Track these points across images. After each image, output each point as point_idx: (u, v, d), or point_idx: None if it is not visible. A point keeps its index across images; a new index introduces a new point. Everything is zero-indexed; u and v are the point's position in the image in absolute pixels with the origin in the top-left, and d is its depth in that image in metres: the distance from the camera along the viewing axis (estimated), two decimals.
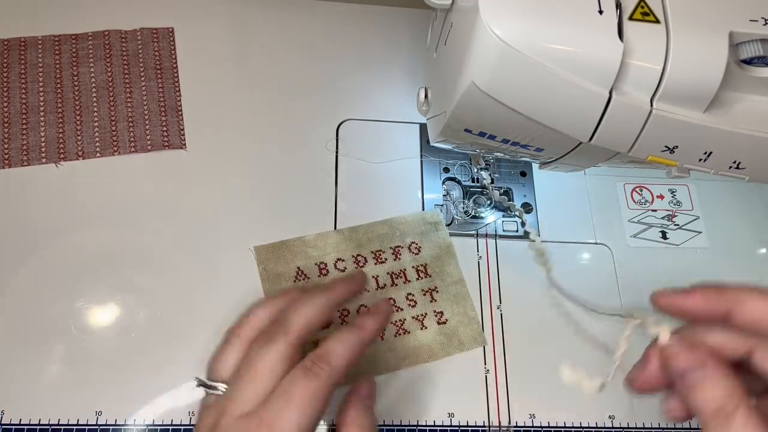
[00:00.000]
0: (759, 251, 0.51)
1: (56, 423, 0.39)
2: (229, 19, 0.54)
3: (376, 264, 0.45)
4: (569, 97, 0.30)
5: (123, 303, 0.42)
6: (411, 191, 0.49)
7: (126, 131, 0.48)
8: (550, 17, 0.30)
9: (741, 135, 0.32)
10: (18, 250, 0.43)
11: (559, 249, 0.48)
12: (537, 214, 0.49)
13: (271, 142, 0.49)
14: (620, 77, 0.30)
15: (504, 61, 0.30)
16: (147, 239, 0.45)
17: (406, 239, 0.46)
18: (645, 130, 0.31)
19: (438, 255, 0.46)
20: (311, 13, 0.55)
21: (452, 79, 0.34)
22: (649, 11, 0.30)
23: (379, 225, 0.47)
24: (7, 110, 0.48)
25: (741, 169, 0.33)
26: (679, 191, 0.52)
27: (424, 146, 0.50)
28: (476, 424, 0.41)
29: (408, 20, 0.56)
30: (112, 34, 0.51)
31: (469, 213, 0.48)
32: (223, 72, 0.51)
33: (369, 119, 0.51)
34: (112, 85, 0.49)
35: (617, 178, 0.52)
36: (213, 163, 0.48)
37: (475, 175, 0.50)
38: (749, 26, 0.30)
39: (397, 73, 0.53)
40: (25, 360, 0.40)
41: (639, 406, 0.43)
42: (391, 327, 0.43)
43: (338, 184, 0.48)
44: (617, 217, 0.50)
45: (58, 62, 0.50)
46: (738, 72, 0.31)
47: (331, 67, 0.53)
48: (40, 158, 0.46)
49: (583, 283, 0.45)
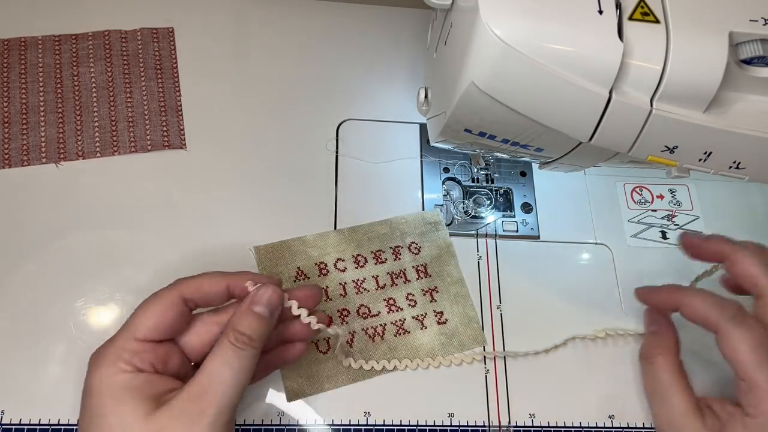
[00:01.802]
0: None
1: (56, 423, 0.39)
2: (229, 19, 0.54)
3: (376, 264, 0.45)
4: (569, 97, 0.30)
5: (123, 303, 0.42)
6: (411, 191, 0.49)
7: (126, 131, 0.48)
8: (550, 17, 0.30)
9: (741, 135, 0.32)
10: (18, 250, 0.43)
11: (559, 249, 0.48)
12: (537, 214, 0.49)
13: (271, 142, 0.49)
14: (620, 77, 0.30)
15: (504, 61, 0.30)
16: (147, 239, 0.45)
17: (406, 239, 0.46)
18: (645, 130, 0.31)
19: (438, 255, 0.46)
20: (311, 13, 0.55)
21: (452, 79, 0.34)
22: (649, 11, 0.30)
23: (379, 225, 0.47)
24: (7, 110, 0.48)
25: (741, 169, 0.33)
26: (679, 191, 0.52)
27: (424, 146, 0.50)
28: (476, 424, 0.41)
29: (408, 20, 0.56)
30: (112, 34, 0.51)
31: (469, 213, 0.48)
32: (223, 72, 0.51)
33: (369, 119, 0.51)
34: (112, 85, 0.49)
35: (617, 178, 0.52)
36: (213, 163, 0.48)
37: (475, 175, 0.50)
38: (749, 26, 0.30)
39: (397, 73, 0.53)
40: (25, 360, 0.40)
41: (639, 406, 0.43)
42: (391, 327, 0.43)
43: (338, 184, 0.48)
44: (617, 217, 0.50)
45: (58, 62, 0.50)
46: (738, 72, 0.31)
47: (331, 67, 0.53)
48: (40, 158, 0.46)
49: (583, 283, 0.45)
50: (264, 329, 0.34)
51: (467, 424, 0.41)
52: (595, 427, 0.42)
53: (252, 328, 0.33)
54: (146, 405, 0.31)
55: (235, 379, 0.32)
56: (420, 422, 0.41)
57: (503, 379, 0.43)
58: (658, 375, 0.40)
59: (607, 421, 0.42)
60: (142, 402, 0.31)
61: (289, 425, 0.40)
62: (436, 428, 0.41)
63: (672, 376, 0.39)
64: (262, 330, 0.34)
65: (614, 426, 0.42)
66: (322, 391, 0.41)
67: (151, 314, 0.33)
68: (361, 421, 0.41)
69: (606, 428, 0.42)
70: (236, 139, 0.49)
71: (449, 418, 0.41)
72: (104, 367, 0.32)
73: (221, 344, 0.33)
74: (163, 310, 0.33)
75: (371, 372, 0.42)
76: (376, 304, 0.44)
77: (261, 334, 0.33)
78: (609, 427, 0.42)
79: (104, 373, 0.32)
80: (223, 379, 0.31)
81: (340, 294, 0.44)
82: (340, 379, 0.41)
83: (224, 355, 0.32)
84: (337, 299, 0.44)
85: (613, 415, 0.43)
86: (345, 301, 0.44)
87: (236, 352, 0.32)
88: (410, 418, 0.41)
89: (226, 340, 0.33)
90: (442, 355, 0.43)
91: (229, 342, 0.32)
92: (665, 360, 0.40)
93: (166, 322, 0.33)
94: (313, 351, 0.42)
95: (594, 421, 0.42)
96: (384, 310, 0.44)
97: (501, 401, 0.42)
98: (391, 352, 0.43)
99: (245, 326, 0.33)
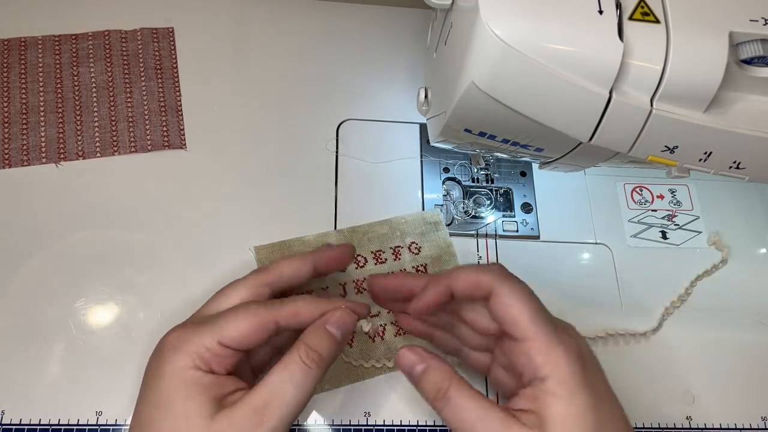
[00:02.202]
0: (759, 251, 0.51)
1: (56, 423, 0.39)
2: (229, 19, 0.54)
3: (376, 264, 0.45)
4: (569, 97, 0.30)
5: (123, 303, 0.42)
6: (411, 191, 0.49)
7: (126, 131, 0.48)
8: (550, 17, 0.30)
9: (741, 135, 0.32)
10: (18, 250, 0.43)
11: (559, 249, 0.48)
12: (537, 214, 0.49)
13: (271, 142, 0.49)
14: (620, 77, 0.30)
15: (504, 61, 0.30)
16: (147, 239, 0.45)
17: (406, 239, 0.46)
18: (645, 130, 0.31)
19: (438, 255, 0.46)
20: (311, 13, 0.55)
21: (452, 79, 0.34)
22: (649, 11, 0.30)
23: (378, 225, 0.47)
24: (7, 110, 0.48)
25: (741, 169, 0.33)
26: (679, 191, 0.52)
27: (424, 146, 0.50)
28: None
29: (408, 20, 0.56)
30: (112, 34, 0.51)
31: (469, 213, 0.48)
32: (223, 72, 0.51)
33: (369, 119, 0.51)
34: (112, 85, 0.49)
35: (617, 178, 0.52)
36: (213, 163, 0.48)
37: (475, 175, 0.50)
38: (749, 26, 0.30)
39: (397, 73, 0.53)
40: (25, 360, 0.40)
41: (639, 406, 0.43)
42: (391, 327, 0.43)
43: (338, 184, 0.48)
44: (617, 217, 0.50)
45: (58, 62, 0.50)
46: (738, 72, 0.31)
47: (331, 67, 0.53)
48: (40, 158, 0.46)
49: (583, 283, 0.45)
50: (334, 350, 0.33)
51: None
52: None
53: (323, 347, 0.33)
54: (211, 406, 0.31)
55: (298, 397, 0.31)
56: (420, 422, 0.41)
57: None
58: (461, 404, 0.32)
59: None
60: (208, 402, 0.31)
61: None
62: (436, 428, 0.41)
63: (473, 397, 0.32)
64: (332, 350, 0.33)
65: None
66: (323, 390, 0.41)
67: (244, 327, 0.32)
68: (361, 421, 0.41)
69: None
70: (236, 139, 0.49)
71: None
72: (181, 359, 0.32)
73: (290, 358, 0.32)
74: (257, 329, 0.33)
75: (372, 371, 0.42)
76: (376, 304, 0.44)
77: (330, 354, 0.33)
78: None
79: (180, 364, 0.31)
80: (286, 395, 0.31)
81: (340, 294, 0.44)
82: (340, 379, 0.41)
83: (291, 371, 0.32)
84: (336, 299, 0.44)
85: None
86: None
87: (303, 370, 0.32)
88: (410, 418, 0.41)
89: (297, 355, 0.32)
90: None
91: (298, 357, 0.32)
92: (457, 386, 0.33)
93: (253, 340, 0.33)
94: None
95: None
96: (384, 310, 0.44)
97: (501, 401, 0.42)
98: (391, 353, 0.43)
99: (317, 343, 0.33)
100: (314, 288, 0.44)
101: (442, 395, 0.33)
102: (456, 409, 0.32)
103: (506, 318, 0.33)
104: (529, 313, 0.33)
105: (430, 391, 0.33)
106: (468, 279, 0.35)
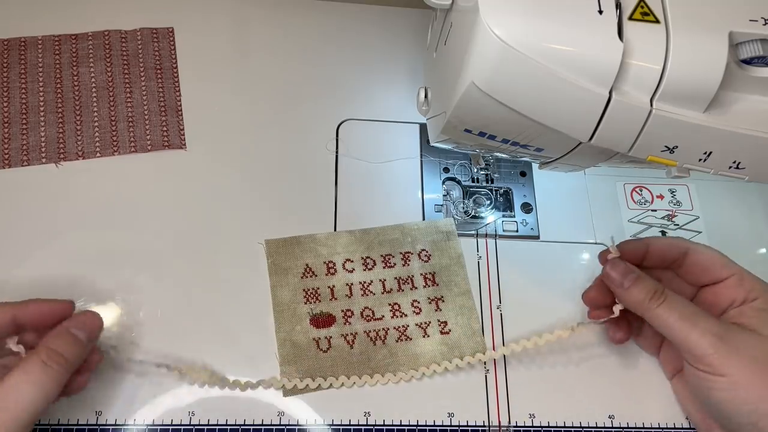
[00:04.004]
0: (759, 251, 0.51)
1: (56, 423, 0.39)
2: (229, 19, 0.54)
3: (385, 268, 0.45)
4: (569, 97, 0.30)
5: (123, 303, 0.42)
6: (411, 191, 0.49)
7: (126, 131, 0.48)
8: (550, 17, 0.30)
9: (741, 135, 0.32)
10: (18, 250, 0.43)
11: (559, 249, 0.48)
12: (537, 214, 0.49)
13: (271, 142, 0.49)
14: (620, 77, 0.30)
15: (504, 61, 0.30)
16: (147, 239, 0.45)
17: (417, 246, 0.46)
18: (645, 130, 0.31)
19: (447, 265, 0.46)
20: (311, 13, 0.55)
21: (452, 79, 0.34)
22: (649, 11, 0.30)
23: (391, 229, 0.47)
24: (7, 110, 0.48)
25: (741, 169, 0.33)
26: (679, 191, 0.52)
27: (424, 146, 0.50)
28: (476, 424, 0.41)
29: (408, 20, 0.56)
30: (112, 34, 0.51)
31: (469, 213, 0.48)
32: (223, 72, 0.51)
33: (369, 119, 0.51)
34: (112, 85, 0.49)
35: (617, 178, 0.52)
36: (213, 163, 0.48)
37: (475, 175, 0.50)
38: (749, 26, 0.30)
39: (397, 73, 0.53)
40: None
41: (639, 405, 0.43)
42: (393, 332, 0.43)
43: (338, 184, 0.48)
44: (617, 217, 0.50)
45: (58, 62, 0.50)
46: (738, 72, 0.31)
47: (331, 67, 0.53)
48: (40, 158, 0.46)
49: (583, 283, 0.45)
50: (78, 351, 0.34)
51: (467, 424, 0.41)
52: (595, 427, 0.42)
53: (65, 348, 0.34)
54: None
55: (36, 396, 0.32)
56: (420, 422, 0.41)
57: (503, 379, 0.43)
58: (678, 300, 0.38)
59: (607, 421, 0.42)
60: None
61: (289, 425, 0.40)
62: (436, 428, 0.41)
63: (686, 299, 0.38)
64: (76, 352, 0.34)
65: (614, 426, 0.42)
66: (321, 389, 0.41)
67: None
68: (361, 421, 0.41)
69: (606, 428, 0.42)
70: (236, 139, 0.49)
71: (449, 418, 0.41)
72: None
73: (30, 360, 0.33)
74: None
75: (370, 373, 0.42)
76: (380, 308, 0.44)
77: (74, 356, 0.34)
78: (609, 427, 0.42)
79: None
80: (26, 396, 0.31)
81: (346, 294, 0.44)
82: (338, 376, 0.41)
83: (29, 371, 0.32)
84: (342, 299, 0.44)
85: (613, 415, 0.43)
86: (350, 302, 0.44)
87: (45, 371, 0.32)
88: (410, 418, 0.41)
89: (37, 357, 0.33)
90: (442, 365, 0.42)
91: (38, 358, 0.33)
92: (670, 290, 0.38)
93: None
94: (312, 347, 0.42)
95: (594, 421, 0.42)
96: (388, 314, 0.44)
97: (501, 401, 0.42)
98: (391, 357, 0.42)
99: (60, 345, 0.34)
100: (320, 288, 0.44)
101: (659, 294, 0.37)
102: (674, 304, 0.37)
103: (708, 263, 0.40)
104: (725, 258, 0.40)
105: (647, 292, 0.38)
106: (665, 240, 0.42)
